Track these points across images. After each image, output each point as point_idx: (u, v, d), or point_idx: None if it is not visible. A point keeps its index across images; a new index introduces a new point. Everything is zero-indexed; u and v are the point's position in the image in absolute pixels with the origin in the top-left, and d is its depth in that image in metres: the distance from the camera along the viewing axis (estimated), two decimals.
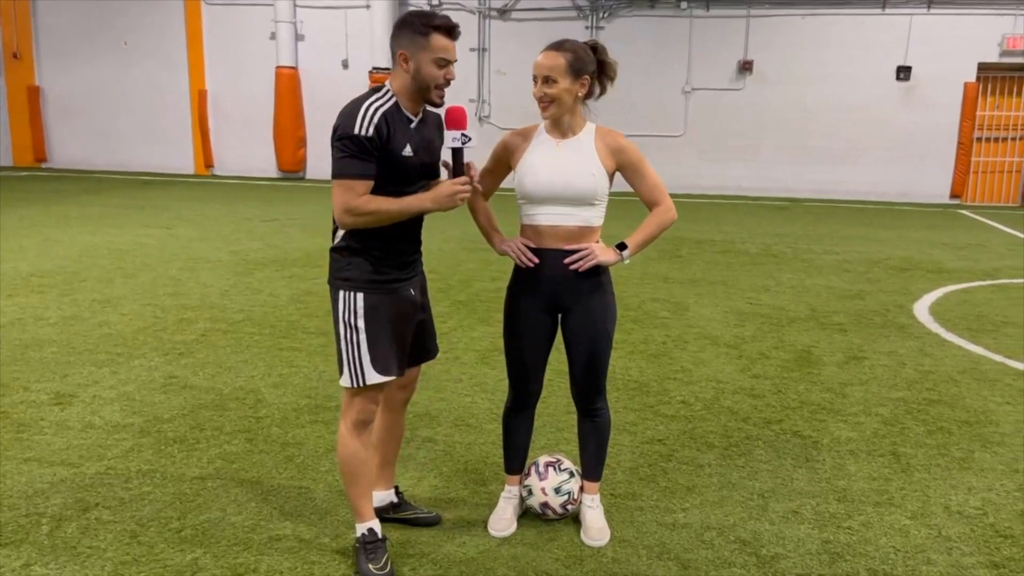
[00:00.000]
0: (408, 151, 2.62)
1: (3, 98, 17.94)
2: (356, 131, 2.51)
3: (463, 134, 2.60)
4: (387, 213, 2.58)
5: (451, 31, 2.59)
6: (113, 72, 17.52)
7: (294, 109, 16.41)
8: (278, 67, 16.32)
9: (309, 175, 16.96)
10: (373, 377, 2.66)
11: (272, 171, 16.98)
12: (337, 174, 2.56)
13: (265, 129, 16.66)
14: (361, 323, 2.65)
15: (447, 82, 2.63)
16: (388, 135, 2.55)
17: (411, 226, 2.74)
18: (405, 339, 2.78)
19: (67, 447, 3.69)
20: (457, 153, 2.62)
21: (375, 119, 2.53)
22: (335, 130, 2.57)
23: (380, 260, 2.67)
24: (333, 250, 2.73)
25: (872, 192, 15.35)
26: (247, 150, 17.10)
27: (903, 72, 14.93)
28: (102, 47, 17.47)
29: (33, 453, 3.62)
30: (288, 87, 16.32)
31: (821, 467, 3.65)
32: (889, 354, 5.38)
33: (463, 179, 2.60)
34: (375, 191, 2.60)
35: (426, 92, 2.62)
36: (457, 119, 2.61)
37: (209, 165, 17.41)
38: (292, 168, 16.76)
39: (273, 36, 16.40)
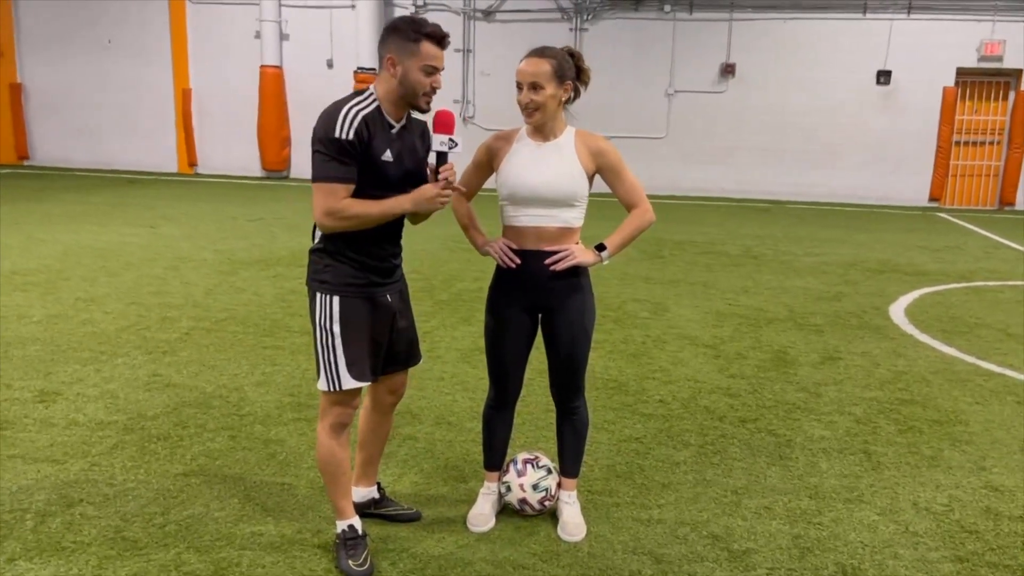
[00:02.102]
0: (388, 156, 2.64)
1: None
2: (336, 134, 2.53)
3: (450, 139, 2.62)
4: (368, 216, 2.60)
5: (441, 40, 2.62)
6: (96, 69, 17.43)
7: (278, 108, 16.39)
8: (263, 66, 16.30)
9: (293, 174, 16.95)
10: (349, 382, 2.69)
11: (256, 170, 16.96)
12: (318, 177, 2.57)
13: (249, 128, 16.63)
14: (337, 328, 2.68)
15: (434, 90, 2.66)
16: (368, 139, 2.57)
17: (389, 230, 2.76)
18: (381, 345, 2.81)
19: (51, 444, 3.72)
20: (442, 157, 2.65)
21: (355, 123, 2.55)
22: (315, 132, 2.58)
23: (358, 264, 2.70)
24: (312, 251, 2.76)
25: (852, 195, 15.52)
26: (231, 149, 17.06)
27: (883, 76, 15.11)
28: (85, 44, 17.38)
29: (17, 450, 3.64)
30: (273, 86, 16.30)
31: (794, 465, 3.74)
32: (864, 355, 5.48)
33: (443, 182, 2.63)
34: (355, 196, 2.62)
35: (412, 98, 2.64)
36: (445, 123, 2.63)
37: (193, 164, 17.36)
38: (276, 167, 16.74)
39: (258, 35, 16.38)
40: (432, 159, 2.70)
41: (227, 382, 4.59)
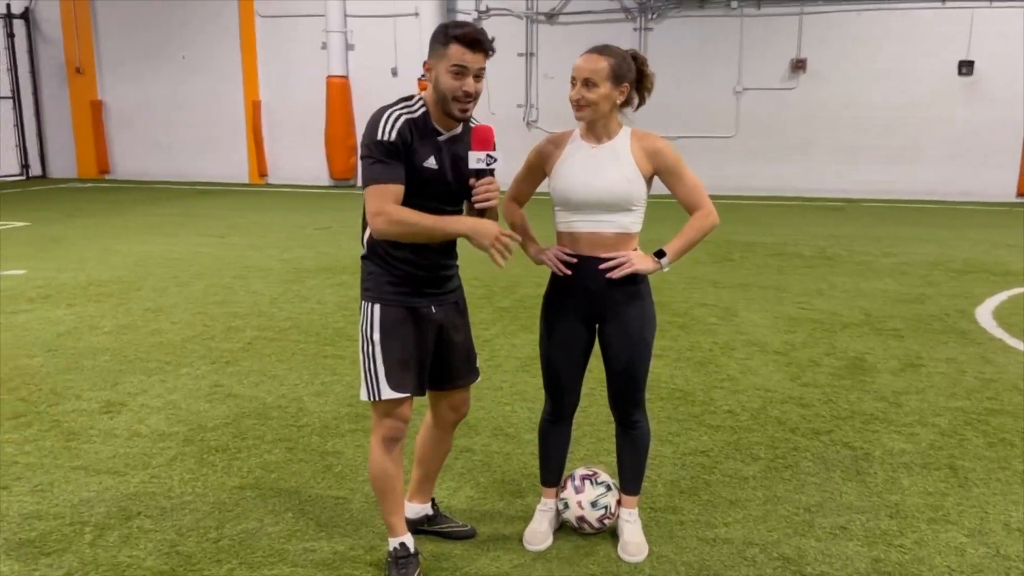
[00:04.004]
0: (432, 163, 2.57)
1: (68, 112, 18.54)
2: (379, 137, 2.49)
3: (488, 155, 2.54)
4: (418, 227, 2.52)
5: (472, 43, 2.49)
6: (171, 85, 17.97)
7: (345, 117, 16.60)
8: (329, 76, 16.53)
9: (360, 182, 17.14)
10: (387, 392, 2.62)
11: (324, 179, 17.21)
12: (366, 181, 2.54)
13: (317, 138, 16.89)
14: (376, 336, 2.62)
15: (466, 95, 2.53)
16: (412, 141, 2.52)
17: (441, 242, 2.68)
18: (425, 358, 2.72)
19: (114, 456, 3.75)
20: (481, 174, 2.57)
21: (398, 125, 2.51)
22: (361, 139, 2.56)
23: (402, 273, 2.63)
24: (361, 259, 2.73)
25: (933, 191, 14.87)
26: (300, 159, 17.35)
27: (965, 67, 14.44)
28: (161, 61, 17.93)
29: (81, 461, 3.69)
30: (339, 96, 16.52)
31: (872, 481, 3.52)
32: (948, 361, 5.17)
33: (508, 233, 2.54)
34: (405, 203, 2.55)
35: (445, 103, 2.54)
36: (483, 139, 2.55)
37: (263, 174, 17.72)
38: (343, 176, 16.96)
39: (324, 46, 16.62)
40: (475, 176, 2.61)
41: (287, 392, 4.59)
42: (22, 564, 2.85)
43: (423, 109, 2.59)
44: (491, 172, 2.57)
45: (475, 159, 2.53)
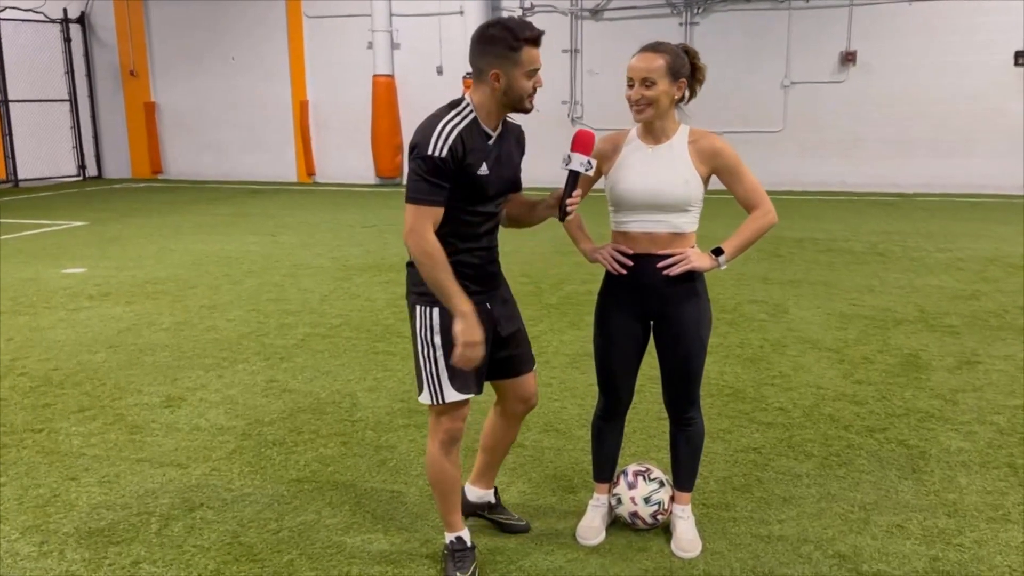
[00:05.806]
0: (484, 170, 2.58)
1: (122, 114, 19.00)
2: (430, 151, 2.48)
3: (589, 160, 2.62)
4: (431, 271, 2.52)
5: (538, 41, 2.56)
6: (221, 86, 18.31)
7: (391, 116, 16.74)
8: (375, 75, 16.69)
9: (406, 181, 17.25)
10: (452, 395, 2.65)
11: (371, 178, 17.38)
12: (410, 195, 2.54)
13: (364, 137, 17.06)
14: (438, 339, 2.63)
15: (535, 89, 2.60)
16: (464, 154, 2.52)
17: (486, 238, 2.71)
18: (484, 355, 2.75)
19: (176, 448, 3.87)
20: (574, 177, 2.63)
21: (450, 139, 2.49)
22: (410, 146, 2.56)
23: (458, 275, 2.62)
24: (409, 264, 2.72)
25: (990, 185, 14.50)
26: (347, 158, 17.55)
27: (1022, 57, 14.05)
28: (211, 63, 18.27)
29: (145, 454, 3.81)
30: (385, 95, 16.66)
31: (929, 479, 3.47)
32: (1006, 358, 5.07)
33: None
34: (452, 208, 2.57)
35: (518, 103, 2.59)
36: (585, 143, 2.62)
37: (311, 173, 17.97)
38: (389, 174, 17.10)
39: (370, 45, 16.79)
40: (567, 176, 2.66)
41: (340, 388, 4.67)
42: (92, 552, 2.96)
43: (472, 115, 2.59)
44: (578, 177, 2.64)
45: (577, 162, 2.60)
